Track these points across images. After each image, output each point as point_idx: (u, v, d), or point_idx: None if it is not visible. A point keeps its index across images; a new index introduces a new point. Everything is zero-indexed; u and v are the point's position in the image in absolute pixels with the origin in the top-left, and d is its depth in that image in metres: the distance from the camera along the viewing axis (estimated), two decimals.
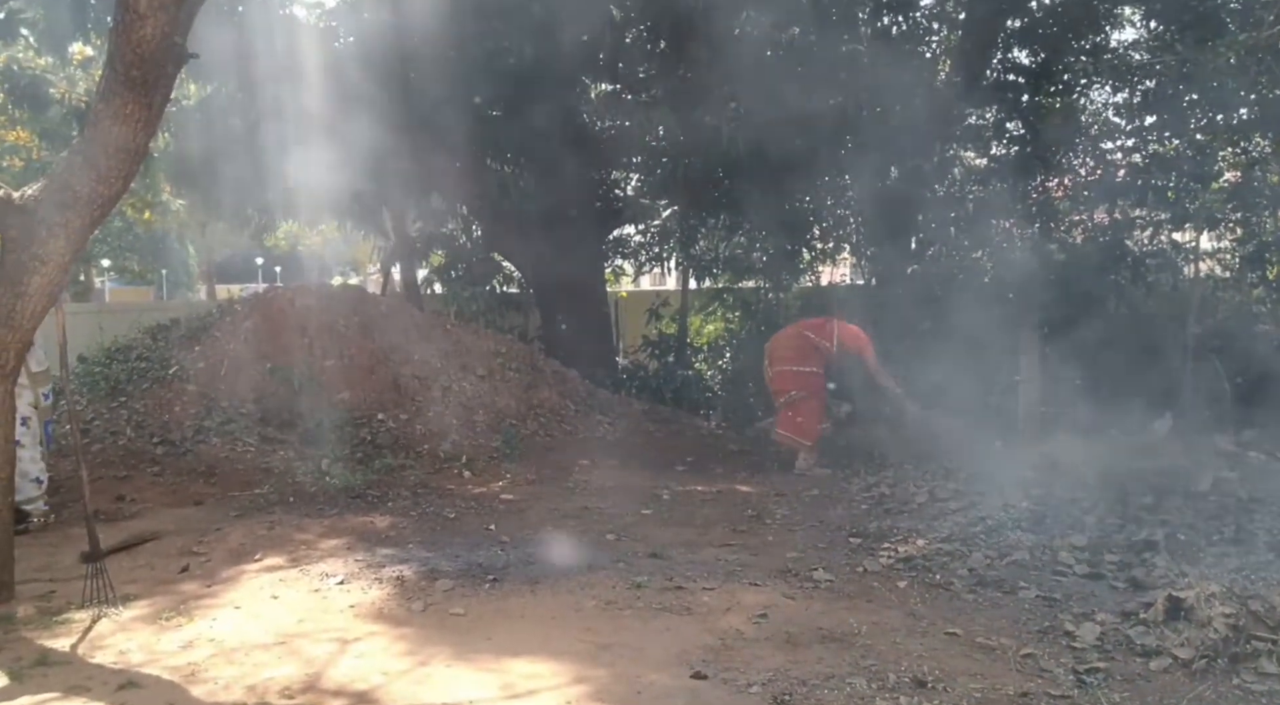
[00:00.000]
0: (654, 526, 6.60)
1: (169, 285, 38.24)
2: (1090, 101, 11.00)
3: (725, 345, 12.73)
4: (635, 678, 3.93)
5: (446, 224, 13.82)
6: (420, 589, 5.11)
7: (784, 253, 11.79)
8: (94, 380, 8.94)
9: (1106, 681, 3.87)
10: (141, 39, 4.53)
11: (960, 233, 10.98)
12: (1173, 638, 4.18)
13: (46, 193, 4.81)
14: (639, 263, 14.20)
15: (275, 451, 8.15)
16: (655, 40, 10.89)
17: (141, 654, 4.29)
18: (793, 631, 4.42)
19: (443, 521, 6.66)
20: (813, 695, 3.75)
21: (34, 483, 6.50)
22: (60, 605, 4.92)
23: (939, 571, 5.42)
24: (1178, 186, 10.43)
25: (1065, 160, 10.82)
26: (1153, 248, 10.54)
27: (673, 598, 4.91)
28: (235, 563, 5.68)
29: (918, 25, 11.13)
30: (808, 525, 6.67)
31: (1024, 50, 10.95)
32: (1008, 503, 6.61)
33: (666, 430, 9.67)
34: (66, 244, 4.85)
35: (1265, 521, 6.00)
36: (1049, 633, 4.44)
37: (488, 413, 9.21)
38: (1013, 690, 3.78)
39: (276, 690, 3.88)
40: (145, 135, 4.86)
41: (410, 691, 3.86)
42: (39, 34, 10.42)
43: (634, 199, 12.70)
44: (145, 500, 7.20)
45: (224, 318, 9.74)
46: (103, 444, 8.08)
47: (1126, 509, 6.36)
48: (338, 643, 4.39)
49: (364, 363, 9.25)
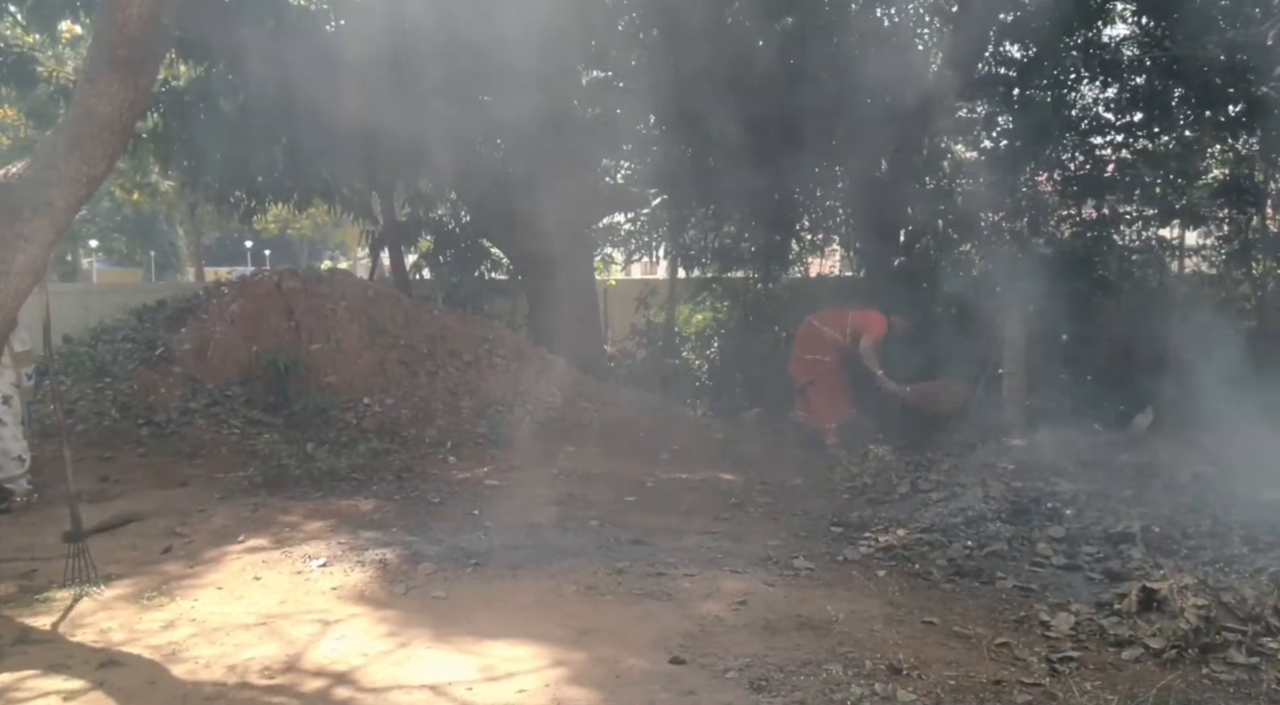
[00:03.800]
0: (637, 513, 6.63)
1: (157, 267, 38.10)
2: (1080, 96, 11.03)
3: (713, 335, 12.76)
4: (614, 661, 3.96)
5: (435, 209, 13.80)
6: (402, 572, 5.13)
7: (773, 243, 11.82)
8: (79, 360, 8.91)
9: (1079, 670, 3.92)
10: (128, 19, 4.51)
11: (949, 225, 11.02)
12: (1145, 628, 4.24)
13: (31, 171, 4.79)
14: (628, 251, 14.20)
15: (260, 434, 8.14)
16: (646, 28, 10.87)
17: (122, 633, 4.30)
18: (771, 618, 4.46)
19: (427, 506, 6.68)
20: (789, 681, 3.78)
21: (16, 461, 6.49)
22: (42, 584, 4.93)
23: (918, 561, 5.48)
24: (1165, 182, 10.48)
25: (1054, 154, 10.85)
26: (1139, 243, 10.60)
27: (654, 584, 4.94)
28: (218, 544, 5.69)
29: (909, 18, 11.13)
30: (790, 514, 6.72)
31: (1015, 44, 10.96)
32: (988, 494, 6.66)
33: (653, 419, 9.68)
34: (50, 223, 4.83)
35: (1241, 515, 6.08)
36: (1024, 622, 4.49)
37: (474, 398, 9.22)
38: (986, 678, 3.82)
39: (257, 670, 3.90)
40: (131, 115, 4.85)
41: (390, 673, 3.88)
42: (27, 11, 10.32)
43: (623, 187, 12.70)
44: (129, 481, 7.19)
45: (211, 300, 9.72)
46: (87, 424, 8.06)
47: (1106, 501, 6.42)
48: (319, 624, 4.41)
49: (351, 347, 9.25)
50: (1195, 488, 6.88)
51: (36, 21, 10.57)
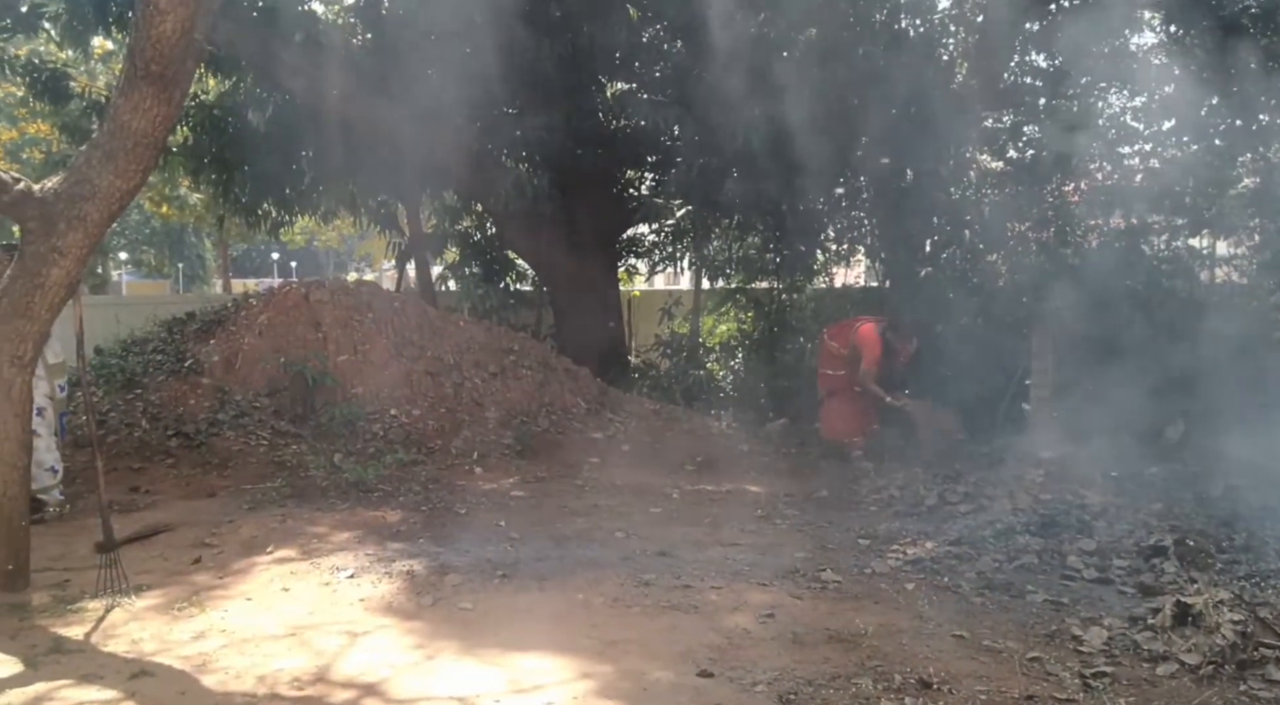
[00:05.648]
0: (663, 525, 6.62)
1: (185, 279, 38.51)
2: (1108, 105, 10.94)
3: (737, 346, 12.72)
4: (641, 675, 3.95)
5: (461, 221, 13.87)
6: (430, 583, 5.14)
7: (797, 254, 11.78)
8: (110, 372, 9.01)
9: (1112, 686, 3.87)
10: (161, 34, 4.58)
11: (975, 236, 10.95)
12: (1180, 644, 4.18)
13: (65, 186, 4.86)
14: (652, 262, 14.20)
15: (288, 445, 8.20)
16: (672, 40, 10.89)
17: (154, 643, 4.33)
18: (799, 631, 4.44)
19: (453, 517, 6.70)
20: (818, 695, 3.76)
21: (49, 472, 6.56)
22: (74, 594, 4.97)
23: (947, 574, 5.43)
24: (1195, 192, 10.36)
25: (1081, 164, 10.76)
26: (1168, 253, 10.48)
27: (680, 596, 4.93)
28: (247, 555, 5.72)
29: (935, 27, 11.09)
30: (816, 526, 6.68)
31: (1041, 53, 10.89)
32: (1017, 506, 6.60)
33: (677, 429, 9.67)
34: (84, 236, 4.90)
35: (1276, 529, 5.98)
36: (1056, 637, 4.44)
37: (499, 409, 9.24)
38: (1018, 693, 3.78)
39: (286, 681, 3.92)
40: (164, 129, 4.92)
41: (418, 684, 3.89)
42: (61, 27, 10.50)
43: (648, 198, 12.71)
44: (159, 492, 7.27)
45: (239, 312, 9.81)
46: (118, 435, 8.15)
47: (1136, 514, 6.34)
48: (347, 635, 4.43)
49: (377, 358, 9.30)
50: (1228, 501, 6.78)
51: (69, 38, 10.75)
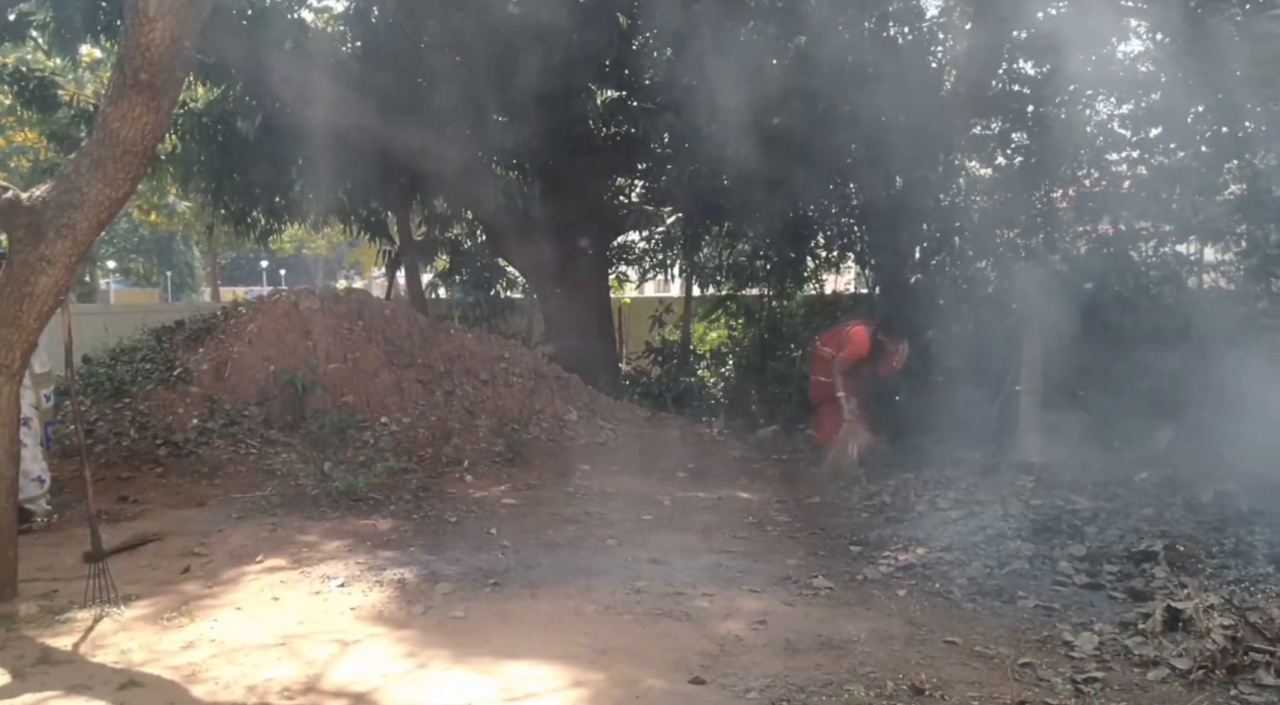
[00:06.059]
0: (654, 532, 6.61)
1: (173, 287, 38.39)
2: (1095, 112, 11.00)
3: (728, 352, 12.74)
4: (634, 682, 3.95)
5: (451, 228, 13.86)
6: (421, 592, 5.13)
7: (787, 261, 11.81)
8: (98, 381, 8.96)
9: (1104, 691, 3.88)
10: (150, 42, 4.57)
11: (964, 242, 10.99)
12: (1171, 648, 4.19)
13: (54, 194, 4.85)
14: (643, 269, 14.22)
15: (278, 454, 8.16)
16: (661, 48, 10.92)
17: (143, 653, 4.31)
18: (791, 638, 4.44)
19: (444, 525, 6.68)
20: (810, 701, 3.76)
21: (36, 482, 6.52)
22: (62, 604, 4.94)
23: (938, 580, 5.44)
24: (1182, 198, 10.42)
25: (1069, 171, 10.82)
26: (1156, 259, 10.54)
27: (672, 603, 4.92)
28: (237, 564, 5.70)
29: (924, 35, 11.14)
30: (808, 533, 6.67)
31: (1029, 61, 10.95)
32: (1008, 512, 6.61)
33: (668, 436, 9.67)
34: (73, 245, 4.88)
35: (1265, 534, 6.01)
36: (1047, 642, 4.45)
37: (490, 417, 9.23)
38: (1010, 699, 3.79)
39: (277, 690, 3.90)
40: (153, 138, 4.90)
41: (409, 693, 3.88)
42: (49, 36, 10.48)
43: (639, 205, 12.74)
44: (148, 501, 7.22)
45: (228, 320, 9.77)
46: (106, 445, 8.10)
47: (1126, 519, 6.36)
48: (338, 644, 4.41)
49: (368, 366, 9.28)
50: (1217, 506, 6.81)
51: (58, 45, 10.73)
